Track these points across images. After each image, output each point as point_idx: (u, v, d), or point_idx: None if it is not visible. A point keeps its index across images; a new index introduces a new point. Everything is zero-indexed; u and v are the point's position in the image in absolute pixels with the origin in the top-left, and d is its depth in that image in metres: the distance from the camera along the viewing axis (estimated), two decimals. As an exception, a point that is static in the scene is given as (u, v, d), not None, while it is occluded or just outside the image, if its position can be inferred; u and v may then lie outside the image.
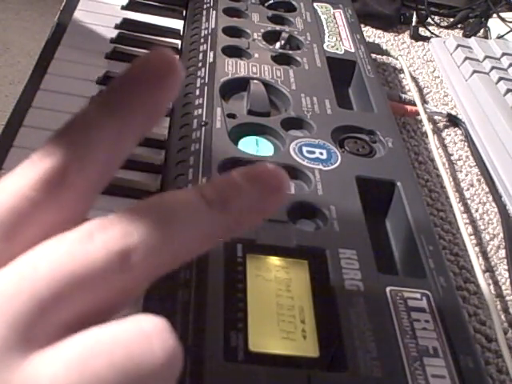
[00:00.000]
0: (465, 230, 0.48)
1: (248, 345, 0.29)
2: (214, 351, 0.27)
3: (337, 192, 0.38)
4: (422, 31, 0.78)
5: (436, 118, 0.64)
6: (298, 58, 0.53)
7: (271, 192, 0.19)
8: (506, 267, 0.48)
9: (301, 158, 0.41)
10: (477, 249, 0.49)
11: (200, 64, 0.50)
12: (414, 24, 0.77)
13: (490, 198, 0.55)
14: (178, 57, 0.19)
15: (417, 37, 0.77)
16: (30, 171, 0.17)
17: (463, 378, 0.29)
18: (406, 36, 0.77)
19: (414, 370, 0.29)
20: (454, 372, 0.29)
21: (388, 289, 0.33)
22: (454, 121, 0.63)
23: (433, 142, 0.57)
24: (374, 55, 0.69)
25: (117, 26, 0.57)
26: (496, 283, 0.46)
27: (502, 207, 0.53)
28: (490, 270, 0.47)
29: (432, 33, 0.79)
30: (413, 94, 0.63)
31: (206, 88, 0.47)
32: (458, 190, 0.55)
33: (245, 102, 0.47)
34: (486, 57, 0.69)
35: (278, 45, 0.55)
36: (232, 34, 0.55)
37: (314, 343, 0.30)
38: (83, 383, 0.15)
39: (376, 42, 0.74)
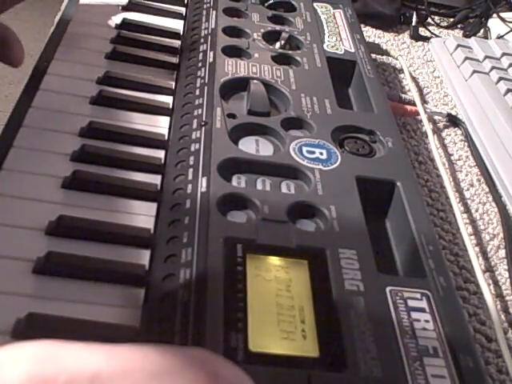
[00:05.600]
0: (465, 230, 0.48)
1: (248, 345, 0.29)
2: (214, 351, 0.27)
3: (337, 192, 0.38)
4: (422, 31, 0.78)
5: (436, 117, 0.64)
6: (298, 58, 0.53)
7: None
8: (506, 267, 0.48)
9: (301, 158, 0.41)
10: (477, 249, 0.49)
11: (200, 64, 0.50)
12: (414, 24, 0.77)
13: (490, 198, 0.55)
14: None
15: (417, 37, 0.77)
16: None
17: (463, 378, 0.29)
18: (406, 36, 0.77)
19: (414, 369, 0.29)
20: (454, 372, 0.29)
21: (388, 289, 0.33)
22: (454, 121, 0.63)
23: (433, 142, 0.57)
24: (373, 55, 0.69)
25: (117, 26, 0.57)
26: (496, 283, 0.46)
27: (502, 207, 0.53)
28: (489, 270, 0.47)
29: (432, 33, 0.79)
30: (413, 94, 0.63)
31: (205, 88, 0.47)
32: (458, 189, 0.55)
33: (245, 102, 0.47)
34: (486, 57, 0.69)
35: (277, 45, 0.55)
36: (232, 34, 0.55)
37: (314, 343, 0.30)
38: None
39: (376, 42, 0.74)
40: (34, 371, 0.16)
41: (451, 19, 0.82)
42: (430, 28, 0.79)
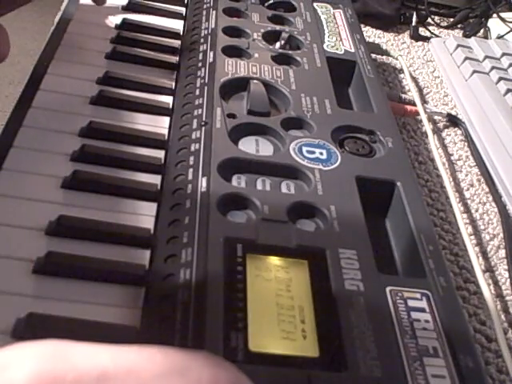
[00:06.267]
0: (465, 230, 0.48)
1: (248, 345, 0.29)
2: (214, 351, 0.27)
3: (337, 192, 0.38)
4: (422, 31, 0.78)
5: (436, 117, 0.64)
6: (298, 58, 0.53)
7: None
8: (506, 267, 0.48)
9: (301, 157, 0.41)
10: (477, 249, 0.49)
11: (200, 64, 0.50)
12: (413, 24, 0.77)
13: (490, 198, 0.55)
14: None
15: (417, 37, 0.77)
16: None
17: (463, 378, 0.29)
18: (406, 36, 0.77)
19: (413, 370, 0.29)
20: (454, 372, 0.29)
21: (388, 289, 0.33)
22: (453, 121, 0.63)
23: (433, 142, 0.57)
24: (373, 55, 0.69)
25: (117, 26, 0.57)
26: (496, 283, 0.46)
27: (501, 207, 0.53)
28: (489, 270, 0.47)
29: (432, 33, 0.79)
30: (413, 94, 0.63)
31: (205, 88, 0.47)
32: (458, 190, 0.55)
33: (245, 102, 0.46)
34: (486, 57, 0.69)
35: (277, 45, 0.55)
36: (232, 34, 0.55)
37: (314, 343, 0.30)
38: None
39: (376, 42, 0.74)
40: (42, 370, 0.16)
41: (451, 19, 0.82)
42: (430, 28, 0.79)
